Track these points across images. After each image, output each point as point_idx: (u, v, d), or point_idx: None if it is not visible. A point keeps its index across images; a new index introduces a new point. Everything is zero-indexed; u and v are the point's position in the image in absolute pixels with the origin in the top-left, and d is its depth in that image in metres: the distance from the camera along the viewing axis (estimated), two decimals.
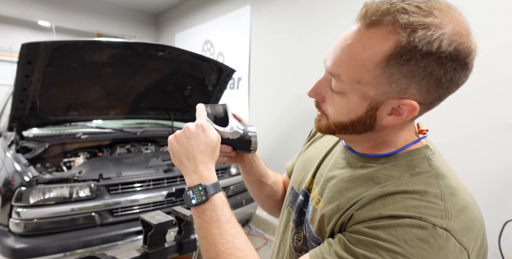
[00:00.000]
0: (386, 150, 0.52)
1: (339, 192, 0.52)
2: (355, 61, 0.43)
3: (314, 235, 0.54)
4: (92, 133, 2.30)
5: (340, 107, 0.48)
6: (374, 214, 0.43)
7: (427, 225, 0.39)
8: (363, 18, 0.42)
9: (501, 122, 1.51)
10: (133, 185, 1.73)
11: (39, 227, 1.46)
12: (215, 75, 2.49)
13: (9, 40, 5.64)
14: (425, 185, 0.45)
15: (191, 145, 0.54)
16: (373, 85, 0.43)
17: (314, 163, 0.66)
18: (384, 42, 0.41)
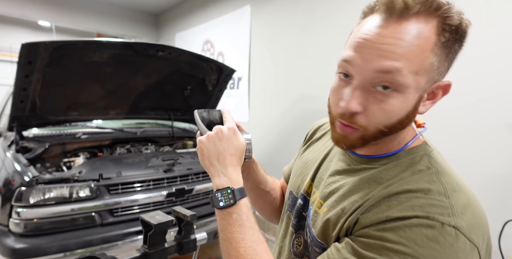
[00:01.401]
0: (388, 150, 0.51)
1: (342, 196, 0.51)
2: (414, 52, 0.41)
3: (317, 240, 0.53)
4: (92, 133, 2.30)
5: (393, 109, 0.44)
6: (381, 217, 0.42)
7: (435, 224, 0.39)
8: (397, 12, 0.41)
9: (501, 122, 1.51)
10: (133, 185, 1.73)
11: (39, 227, 1.46)
12: (215, 75, 2.49)
13: (9, 40, 5.65)
14: (428, 183, 0.44)
15: (223, 146, 0.53)
16: (427, 73, 0.43)
17: (313, 167, 0.65)
18: (428, 28, 0.41)
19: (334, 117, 0.50)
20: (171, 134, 2.61)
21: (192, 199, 1.92)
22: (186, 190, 1.86)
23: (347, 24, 2.20)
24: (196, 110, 0.61)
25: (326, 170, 0.60)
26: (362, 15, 0.48)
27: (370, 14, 0.45)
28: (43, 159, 1.96)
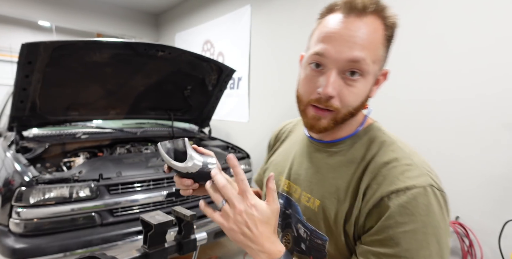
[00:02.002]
0: (348, 132, 0.59)
1: (329, 185, 0.57)
2: (373, 43, 0.50)
3: (318, 233, 0.56)
4: (92, 133, 2.29)
5: (360, 91, 0.52)
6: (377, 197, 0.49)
7: (420, 191, 0.47)
8: (353, 9, 0.49)
9: (501, 122, 1.51)
10: (133, 185, 1.73)
11: (39, 227, 1.46)
12: (215, 75, 2.49)
13: (9, 40, 5.65)
14: (392, 152, 0.53)
15: (251, 231, 0.48)
16: (379, 61, 0.52)
17: (286, 166, 0.68)
18: (380, 25, 0.50)
19: (308, 103, 0.55)
20: (171, 134, 2.61)
21: (192, 199, 1.92)
22: None
23: None
24: (159, 143, 0.60)
25: (301, 165, 0.64)
26: (320, 16, 0.55)
27: (329, 14, 0.53)
28: (43, 159, 1.96)
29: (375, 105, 2.05)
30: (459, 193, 1.65)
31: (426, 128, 1.78)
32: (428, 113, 1.77)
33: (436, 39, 1.74)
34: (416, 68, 1.83)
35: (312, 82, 0.53)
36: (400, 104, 1.91)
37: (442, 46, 1.72)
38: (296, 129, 0.77)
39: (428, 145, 1.77)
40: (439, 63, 1.73)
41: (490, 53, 1.55)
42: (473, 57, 1.60)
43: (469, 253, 1.57)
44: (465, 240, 1.59)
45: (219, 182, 0.49)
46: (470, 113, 1.62)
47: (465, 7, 1.63)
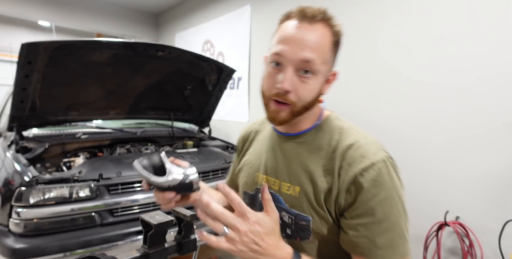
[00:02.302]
0: (309, 124, 0.68)
1: (304, 171, 0.64)
2: (322, 47, 0.59)
3: (302, 215, 0.63)
4: (92, 133, 2.29)
5: (312, 88, 0.60)
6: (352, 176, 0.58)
7: (382, 164, 0.58)
8: (305, 17, 0.58)
9: (501, 122, 1.51)
10: (133, 185, 1.73)
11: (39, 227, 1.46)
12: (215, 75, 2.49)
13: (9, 40, 5.65)
14: (353, 135, 0.63)
15: (259, 246, 0.50)
16: (328, 63, 0.61)
17: (260, 163, 0.74)
18: (328, 32, 0.60)
19: (269, 98, 0.62)
20: (171, 134, 2.61)
21: None
22: None
23: (346, 24, 2.20)
24: (135, 161, 0.61)
25: (274, 159, 0.71)
26: (280, 21, 0.65)
27: (287, 20, 0.62)
28: (43, 159, 1.96)
29: (375, 105, 2.06)
30: (459, 193, 1.65)
31: (426, 128, 1.78)
32: (428, 113, 1.77)
33: (437, 39, 1.74)
34: (415, 67, 1.83)
35: (273, 78, 0.61)
36: (400, 104, 1.91)
37: (442, 46, 1.72)
38: (262, 128, 0.83)
39: (428, 145, 1.77)
40: (439, 63, 1.73)
41: (490, 52, 1.55)
42: (473, 56, 1.60)
43: (469, 253, 1.57)
44: (465, 240, 1.59)
45: (216, 210, 0.50)
46: (470, 112, 1.61)
47: (467, 6, 1.63)
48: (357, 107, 2.14)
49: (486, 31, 1.56)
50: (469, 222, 1.61)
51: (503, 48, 1.50)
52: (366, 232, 0.56)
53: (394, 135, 1.93)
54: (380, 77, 2.02)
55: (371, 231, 0.56)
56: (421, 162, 1.80)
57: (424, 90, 1.79)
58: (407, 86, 1.88)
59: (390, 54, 1.96)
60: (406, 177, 1.99)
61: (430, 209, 1.75)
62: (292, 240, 0.67)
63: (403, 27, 1.89)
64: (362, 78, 2.13)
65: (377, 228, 0.55)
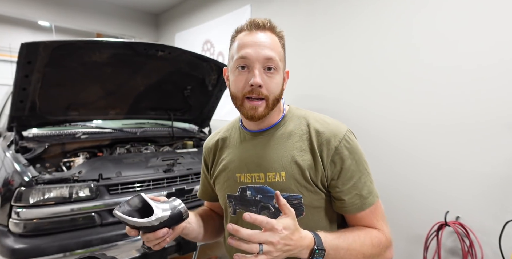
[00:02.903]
0: (276, 119, 0.77)
1: (283, 157, 0.72)
2: (276, 47, 0.70)
3: (293, 196, 0.70)
4: (92, 133, 2.29)
5: (278, 81, 0.70)
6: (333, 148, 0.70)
7: (348, 133, 0.72)
8: (259, 27, 0.70)
9: (501, 121, 1.51)
10: (133, 185, 1.73)
11: (39, 227, 1.45)
12: (215, 75, 2.48)
13: (9, 40, 5.64)
14: (318, 117, 0.76)
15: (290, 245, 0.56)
16: (283, 61, 0.72)
17: (238, 165, 0.78)
18: (276, 38, 0.71)
19: (242, 98, 0.70)
20: (171, 134, 2.61)
21: (192, 199, 1.92)
22: (186, 190, 1.86)
23: (346, 24, 2.20)
24: (114, 210, 0.60)
25: (252, 156, 0.76)
26: (232, 37, 0.76)
27: (239, 34, 0.73)
28: (43, 159, 1.95)
29: (378, 105, 2.05)
30: (460, 193, 1.65)
31: (426, 128, 1.78)
32: (428, 113, 1.77)
33: (438, 38, 1.74)
34: (415, 67, 1.83)
35: (242, 80, 0.69)
36: (399, 104, 1.90)
37: (442, 45, 1.72)
38: (228, 134, 0.87)
39: (428, 145, 1.77)
40: (439, 63, 1.73)
41: (490, 52, 1.54)
42: (473, 56, 1.60)
43: (470, 253, 1.57)
44: (466, 240, 1.59)
45: (245, 234, 0.54)
46: (471, 112, 1.61)
47: (468, 6, 1.62)
48: (357, 107, 2.14)
49: (487, 31, 1.56)
50: (469, 222, 1.61)
51: (503, 47, 1.50)
52: (355, 191, 0.69)
53: (394, 135, 1.92)
54: (380, 78, 2.02)
55: (357, 188, 0.69)
56: (421, 162, 1.80)
57: (424, 90, 1.79)
58: (406, 87, 1.87)
59: (389, 54, 1.96)
60: (407, 177, 1.99)
61: (430, 209, 1.75)
62: None
63: (403, 26, 1.89)
64: (362, 78, 2.13)
65: (359, 183, 0.70)
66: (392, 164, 1.92)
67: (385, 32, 1.98)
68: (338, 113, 2.24)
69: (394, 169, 1.91)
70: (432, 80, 1.76)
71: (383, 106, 1.99)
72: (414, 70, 1.84)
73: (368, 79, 2.08)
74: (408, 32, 1.86)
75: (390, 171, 1.93)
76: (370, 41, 2.07)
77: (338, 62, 2.28)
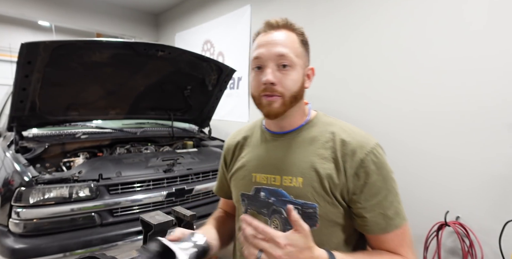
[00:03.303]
0: (297, 123, 0.75)
1: (303, 162, 0.69)
2: (291, 42, 0.69)
3: (308, 204, 0.67)
4: (92, 133, 2.29)
5: (294, 78, 0.68)
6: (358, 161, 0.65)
7: (377, 147, 0.68)
8: (273, 26, 0.71)
9: (501, 122, 1.51)
10: (133, 185, 1.73)
11: (39, 227, 1.45)
12: (215, 75, 2.48)
13: (9, 40, 5.65)
14: (344, 127, 0.72)
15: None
16: (301, 57, 0.70)
17: (255, 164, 0.78)
18: (293, 34, 0.71)
19: (259, 96, 0.70)
20: (171, 134, 2.61)
21: (192, 199, 1.92)
22: (186, 190, 1.86)
23: (346, 23, 2.20)
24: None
25: (270, 157, 0.75)
26: (253, 41, 0.74)
27: (257, 36, 0.73)
28: (43, 159, 1.95)
29: (378, 105, 2.05)
30: (459, 193, 1.65)
31: (426, 128, 1.78)
32: (428, 113, 1.77)
33: (437, 39, 1.74)
34: (416, 67, 1.83)
35: (258, 79, 0.69)
36: (400, 104, 1.90)
37: (442, 46, 1.72)
38: (250, 133, 0.87)
39: (428, 145, 1.77)
40: (440, 62, 1.73)
41: (491, 52, 1.54)
42: (474, 56, 1.60)
43: (470, 253, 1.57)
44: (466, 240, 1.59)
45: (253, 227, 0.53)
46: (471, 112, 1.61)
47: (466, 7, 1.62)
48: (357, 107, 2.14)
49: (486, 31, 1.56)
50: (469, 222, 1.61)
51: (503, 48, 1.50)
52: (379, 209, 0.65)
53: (394, 136, 1.92)
54: (380, 78, 2.02)
55: (382, 207, 0.65)
56: (421, 162, 1.80)
57: (424, 90, 1.79)
58: (406, 86, 1.87)
59: (389, 54, 1.96)
60: (407, 177, 1.99)
61: (430, 209, 1.75)
62: None
63: (402, 27, 1.89)
64: (362, 77, 2.13)
65: (385, 202, 0.65)
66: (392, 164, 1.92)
67: (385, 31, 1.98)
68: (338, 112, 2.24)
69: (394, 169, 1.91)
70: (432, 80, 1.76)
71: (383, 106, 1.99)
72: (414, 70, 1.84)
73: (368, 78, 2.08)
74: (408, 32, 1.86)
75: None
76: (370, 40, 2.06)
77: (338, 62, 2.28)
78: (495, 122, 1.53)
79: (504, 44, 1.50)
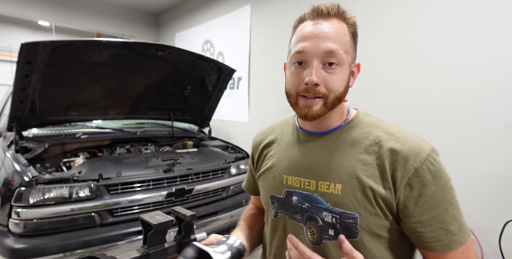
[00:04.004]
0: (335, 123, 0.67)
1: (342, 167, 0.63)
2: (342, 37, 0.60)
3: (348, 213, 0.61)
4: (92, 133, 2.29)
5: (341, 78, 0.61)
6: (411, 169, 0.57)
7: (432, 153, 0.59)
8: (319, 15, 0.61)
9: (501, 121, 1.51)
10: (133, 185, 1.73)
11: (39, 227, 1.46)
12: (215, 75, 2.49)
13: (9, 40, 5.65)
14: (391, 129, 0.63)
15: None
16: (350, 53, 0.62)
17: (287, 165, 0.71)
18: (344, 25, 0.61)
19: (297, 95, 0.63)
20: (171, 134, 2.61)
21: (192, 199, 1.92)
22: (186, 190, 1.86)
23: None
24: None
25: (304, 159, 0.69)
26: (294, 26, 0.67)
27: (301, 23, 0.64)
28: (43, 159, 1.95)
29: (377, 103, 2.05)
30: (459, 193, 1.64)
31: (427, 127, 1.78)
32: (428, 112, 1.77)
33: (438, 37, 1.74)
34: (418, 66, 1.83)
35: (298, 76, 0.61)
36: (401, 103, 1.90)
37: (444, 45, 1.72)
38: (280, 131, 0.80)
39: None
40: (441, 62, 1.73)
41: (491, 52, 1.54)
42: (475, 56, 1.60)
43: None
44: None
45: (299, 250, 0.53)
46: (471, 112, 1.61)
47: (470, 5, 1.62)
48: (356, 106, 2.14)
49: (487, 31, 1.56)
50: (469, 222, 1.60)
51: (503, 48, 1.50)
52: (439, 224, 0.57)
53: None
54: (379, 78, 2.02)
55: (443, 221, 0.57)
56: None
57: (425, 90, 1.79)
58: (407, 85, 1.87)
59: (390, 53, 1.96)
60: None
61: None
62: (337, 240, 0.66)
63: (404, 24, 1.89)
64: (361, 77, 2.13)
65: (447, 216, 0.57)
66: None
67: (385, 31, 1.98)
68: None
69: None
70: (431, 80, 1.76)
71: (382, 106, 1.99)
72: (414, 69, 1.84)
73: (368, 78, 2.08)
74: (409, 31, 1.86)
75: None
76: (369, 40, 2.07)
77: None
78: (496, 122, 1.53)
79: (505, 43, 1.50)
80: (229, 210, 1.97)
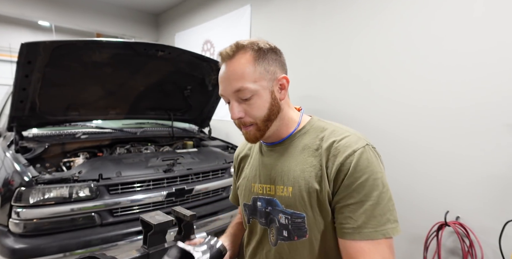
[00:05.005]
0: (288, 131, 0.74)
1: (293, 171, 0.69)
2: (245, 73, 0.66)
3: (297, 213, 0.67)
4: (92, 133, 2.29)
5: (259, 105, 0.67)
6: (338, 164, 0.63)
7: (362, 150, 0.63)
8: (224, 58, 0.68)
9: (501, 122, 1.51)
10: (133, 185, 1.73)
11: (39, 227, 1.45)
12: (215, 75, 2.46)
13: (9, 40, 5.64)
14: (335, 132, 0.69)
15: None
16: (262, 78, 0.67)
17: (255, 174, 0.79)
18: (248, 55, 0.66)
19: (237, 125, 0.73)
20: (171, 134, 2.61)
21: (192, 199, 1.92)
22: (186, 190, 1.86)
23: (346, 23, 2.20)
24: None
25: (265, 167, 0.76)
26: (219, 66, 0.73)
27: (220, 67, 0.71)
28: (43, 159, 1.95)
29: (377, 105, 2.05)
30: (459, 193, 1.65)
31: (427, 128, 1.78)
32: (428, 112, 1.77)
33: (438, 37, 1.74)
34: (417, 68, 1.83)
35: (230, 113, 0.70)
36: (401, 105, 1.90)
37: (444, 46, 1.72)
38: (252, 145, 0.89)
39: (428, 144, 1.77)
40: (439, 63, 1.73)
41: (491, 53, 1.54)
42: (475, 57, 1.60)
43: (470, 253, 1.57)
44: (466, 240, 1.59)
45: None
46: (471, 113, 1.61)
47: (468, 6, 1.62)
48: (356, 108, 2.14)
49: (487, 31, 1.55)
50: (469, 222, 1.61)
51: (503, 48, 1.50)
52: (349, 213, 0.61)
53: (394, 135, 1.92)
54: (379, 78, 2.02)
55: (353, 211, 0.61)
56: (422, 162, 1.80)
57: (424, 89, 1.79)
58: (406, 87, 1.87)
59: (389, 54, 1.96)
60: (407, 177, 1.99)
61: (430, 209, 1.75)
62: (290, 241, 0.70)
63: (403, 26, 1.89)
64: (361, 78, 2.13)
65: (359, 208, 0.60)
66: (392, 164, 1.92)
67: (384, 32, 1.98)
68: (337, 113, 2.24)
69: (394, 169, 1.90)
70: (431, 80, 1.76)
71: (382, 107, 1.99)
72: (413, 70, 1.84)
73: (368, 79, 2.08)
74: (408, 32, 1.86)
75: (390, 171, 1.93)
76: (369, 40, 2.06)
77: (337, 62, 2.28)
78: (496, 122, 1.53)
79: (505, 43, 1.50)
80: (229, 210, 1.97)
